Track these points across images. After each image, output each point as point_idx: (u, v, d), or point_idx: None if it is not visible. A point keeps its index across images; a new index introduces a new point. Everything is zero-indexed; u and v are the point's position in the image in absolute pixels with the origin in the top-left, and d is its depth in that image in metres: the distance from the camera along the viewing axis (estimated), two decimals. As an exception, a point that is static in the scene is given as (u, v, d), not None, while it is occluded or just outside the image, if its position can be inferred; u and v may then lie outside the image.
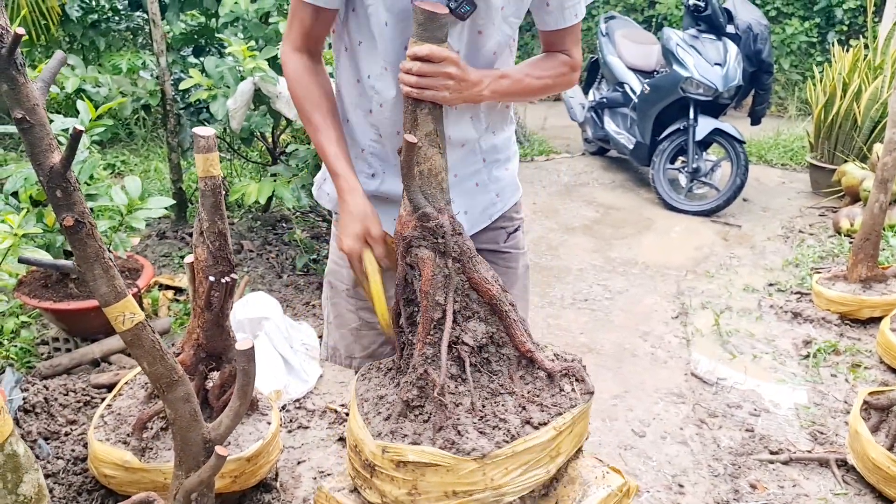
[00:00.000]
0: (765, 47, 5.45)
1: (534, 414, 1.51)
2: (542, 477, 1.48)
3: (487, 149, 1.84)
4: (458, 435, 1.46)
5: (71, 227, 1.53)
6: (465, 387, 1.54)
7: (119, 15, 4.94)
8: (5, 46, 1.39)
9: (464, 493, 1.43)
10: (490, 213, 1.88)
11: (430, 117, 1.59)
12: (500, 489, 1.44)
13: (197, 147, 2.04)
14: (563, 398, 1.57)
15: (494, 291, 1.61)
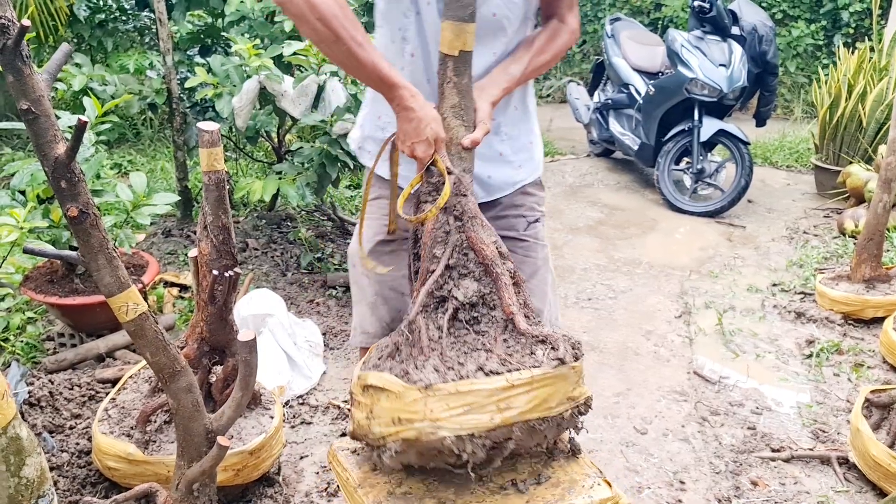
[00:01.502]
0: (770, 49, 5.45)
1: (492, 365, 1.54)
2: (484, 423, 1.49)
3: (511, 123, 1.91)
4: (416, 369, 1.54)
5: (75, 217, 1.55)
6: (449, 339, 1.60)
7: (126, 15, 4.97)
8: (11, 38, 1.42)
9: (406, 420, 1.50)
10: (513, 180, 1.94)
11: (455, 91, 1.68)
12: (437, 422, 1.48)
13: (201, 141, 2.06)
14: (529, 359, 1.57)
15: (488, 252, 1.66)
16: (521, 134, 1.95)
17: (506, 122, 1.90)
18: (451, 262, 1.67)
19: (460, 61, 1.70)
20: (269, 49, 3.65)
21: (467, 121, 1.72)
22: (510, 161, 1.93)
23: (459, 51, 1.69)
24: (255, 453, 2.27)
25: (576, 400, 1.61)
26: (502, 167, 1.92)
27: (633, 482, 2.53)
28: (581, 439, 2.72)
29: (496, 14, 1.76)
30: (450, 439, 1.50)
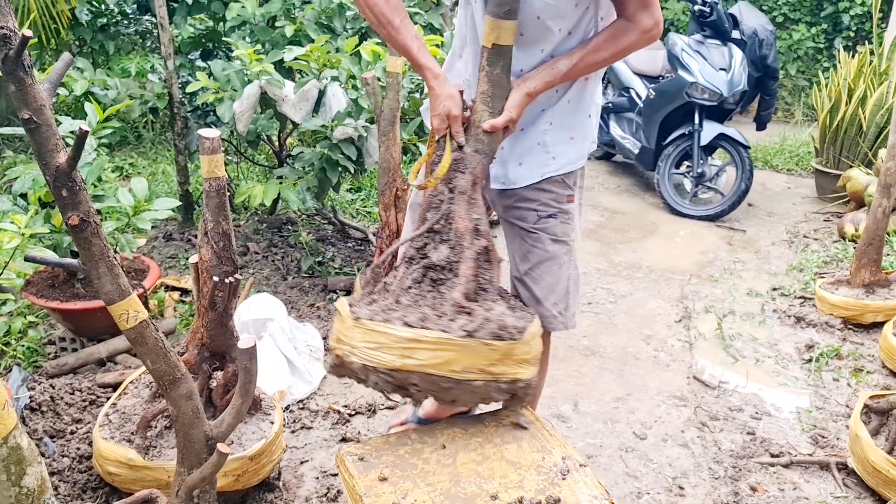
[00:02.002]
0: (770, 53, 5.46)
1: (412, 319, 1.76)
2: (386, 362, 1.75)
3: (558, 115, 2.02)
4: (365, 304, 1.83)
5: (76, 225, 1.56)
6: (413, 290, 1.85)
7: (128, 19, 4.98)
8: (13, 48, 1.42)
9: (341, 341, 1.82)
10: (543, 171, 2.03)
11: (486, 79, 1.88)
12: (354, 348, 1.79)
13: (202, 148, 2.07)
14: (445, 324, 1.75)
15: (461, 226, 1.86)
16: (566, 127, 2.04)
17: (554, 114, 2.02)
18: (436, 227, 1.89)
19: (494, 53, 1.87)
20: (270, 54, 3.66)
21: (494, 108, 1.89)
22: (548, 151, 2.03)
23: (493, 44, 1.86)
24: (255, 459, 2.28)
25: (494, 376, 1.78)
26: (539, 155, 2.03)
27: (632, 488, 2.54)
28: (580, 445, 2.75)
29: (540, 17, 1.89)
30: (357, 365, 1.79)
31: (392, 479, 1.79)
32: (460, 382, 1.77)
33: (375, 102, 3.26)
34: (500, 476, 1.81)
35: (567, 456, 1.88)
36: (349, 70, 3.61)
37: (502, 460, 1.88)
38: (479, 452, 1.91)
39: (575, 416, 2.94)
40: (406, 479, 1.80)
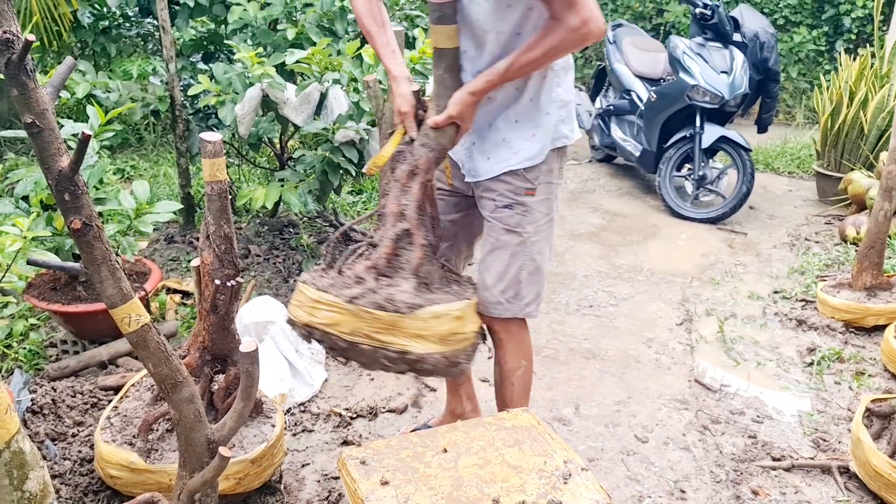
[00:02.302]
0: (771, 55, 5.45)
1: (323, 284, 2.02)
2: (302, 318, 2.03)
3: (521, 113, 2.15)
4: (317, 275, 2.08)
5: (78, 229, 1.56)
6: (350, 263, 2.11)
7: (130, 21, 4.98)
8: (16, 52, 1.43)
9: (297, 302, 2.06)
10: (504, 164, 2.16)
11: (434, 80, 2.10)
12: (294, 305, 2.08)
13: (204, 152, 2.07)
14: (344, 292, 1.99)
15: (387, 210, 2.10)
16: (528, 125, 2.15)
17: (516, 111, 2.15)
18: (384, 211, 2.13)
19: (436, 56, 2.07)
20: (272, 57, 3.67)
21: (439, 106, 2.07)
22: (511, 146, 2.16)
23: (434, 47, 2.06)
24: (256, 462, 2.28)
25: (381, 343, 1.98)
26: (502, 150, 2.16)
27: (633, 491, 2.54)
28: (582, 448, 2.75)
29: (477, 21, 2.03)
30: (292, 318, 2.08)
31: (394, 483, 1.79)
32: (351, 344, 1.98)
33: (377, 105, 3.26)
34: (502, 480, 1.81)
35: (569, 459, 1.88)
36: (351, 73, 3.61)
37: (504, 464, 1.88)
38: (481, 456, 1.91)
39: (576, 420, 2.94)
40: (408, 482, 1.80)
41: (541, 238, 2.25)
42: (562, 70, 2.16)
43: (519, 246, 2.22)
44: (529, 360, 2.43)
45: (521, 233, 2.21)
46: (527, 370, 2.42)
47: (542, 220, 2.23)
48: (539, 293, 2.31)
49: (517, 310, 2.29)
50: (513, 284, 2.24)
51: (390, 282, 2.04)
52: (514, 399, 2.44)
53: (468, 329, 2.14)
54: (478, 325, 2.22)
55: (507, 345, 2.38)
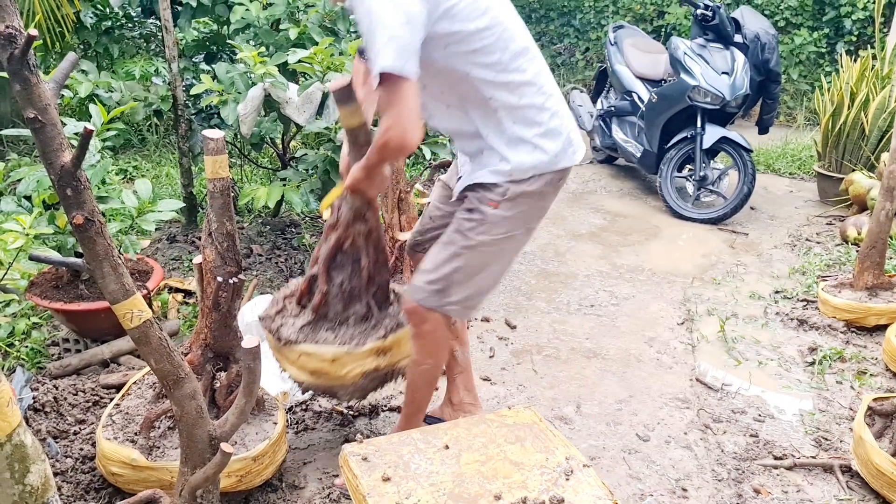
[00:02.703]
0: (772, 56, 5.46)
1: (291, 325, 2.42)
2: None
3: (480, 146, 2.25)
4: (286, 312, 2.49)
5: (80, 225, 1.56)
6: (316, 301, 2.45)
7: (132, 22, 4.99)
8: (18, 47, 1.43)
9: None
10: (472, 179, 2.27)
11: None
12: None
13: (206, 149, 2.08)
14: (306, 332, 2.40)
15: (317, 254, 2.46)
16: (489, 155, 2.23)
17: (476, 146, 2.26)
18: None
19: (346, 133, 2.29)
20: (274, 56, 3.67)
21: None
22: (478, 167, 2.26)
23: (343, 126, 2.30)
24: (258, 459, 2.28)
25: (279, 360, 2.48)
26: (474, 170, 2.27)
27: (635, 489, 2.53)
28: (583, 446, 2.75)
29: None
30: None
31: (395, 480, 1.79)
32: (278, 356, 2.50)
33: (379, 105, 3.26)
34: (504, 476, 1.81)
35: (570, 456, 1.89)
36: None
37: (506, 460, 1.88)
38: (483, 453, 1.91)
39: (577, 418, 2.94)
40: (409, 479, 1.80)
41: (491, 251, 2.25)
42: (512, 109, 2.16)
43: (463, 249, 2.24)
44: (437, 363, 2.41)
45: (470, 237, 2.23)
46: (431, 370, 2.40)
47: (498, 235, 2.23)
48: (469, 299, 2.29)
49: (435, 302, 2.27)
50: (442, 280, 2.25)
51: (296, 316, 2.46)
52: (409, 389, 2.47)
53: (344, 372, 2.34)
54: (361, 371, 2.36)
55: (419, 338, 2.35)
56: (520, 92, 2.14)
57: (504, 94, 2.13)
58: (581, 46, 9.70)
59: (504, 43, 2.09)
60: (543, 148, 2.18)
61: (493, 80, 2.11)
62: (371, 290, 2.49)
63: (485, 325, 3.72)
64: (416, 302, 2.29)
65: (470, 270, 2.25)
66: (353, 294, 2.47)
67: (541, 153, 2.18)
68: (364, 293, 2.47)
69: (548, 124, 2.18)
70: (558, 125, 2.20)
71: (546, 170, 2.19)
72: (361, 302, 2.47)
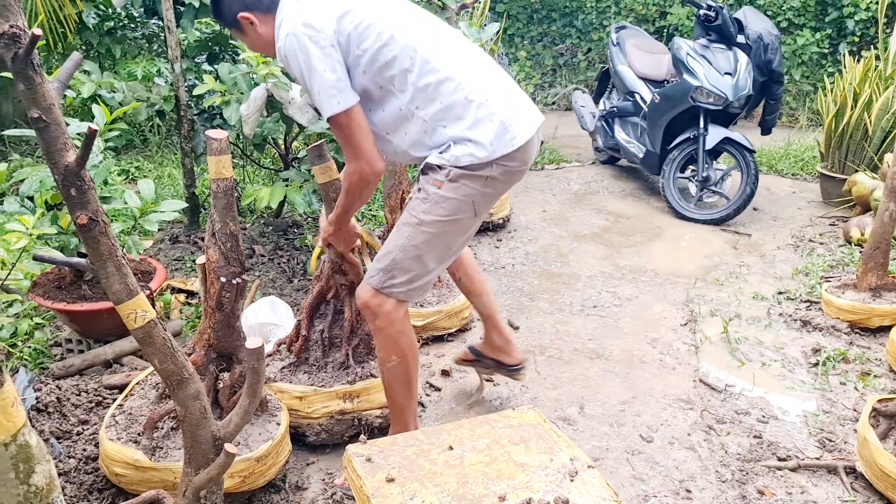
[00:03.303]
0: (775, 57, 5.45)
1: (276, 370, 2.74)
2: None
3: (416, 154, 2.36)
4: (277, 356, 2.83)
5: (84, 224, 1.56)
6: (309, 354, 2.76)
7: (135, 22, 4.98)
8: (23, 47, 1.43)
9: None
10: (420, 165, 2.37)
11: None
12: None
13: (210, 149, 2.07)
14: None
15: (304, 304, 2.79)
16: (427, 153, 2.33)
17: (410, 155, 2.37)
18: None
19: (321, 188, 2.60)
20: (277, 57, 3.66)
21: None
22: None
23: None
24: (261, 460, 2.28)
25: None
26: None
27: (639, 490, 2.53)
28: (587, 447, 2.75)
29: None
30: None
31: (399, 480, 1.79)
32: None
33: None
34: (508, 477, 1.81)
35: (575, 457, 1.88)
36: (355, 73, 3.61)
37: (510, 461, 1.87)
38: (487, 454, 1.91)
39: (581, 419, 2.94)
40: (413, 479, 1.79)
41: (433, 232, 2.28)
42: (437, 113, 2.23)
43: (405, 226, 2.30)
44: (403, 358, 2.37)
45: (412, 214, 2.29)
46: (398, 366, 2.38)
47: (441, 215, 2.27)
48: (412, 281, 2.31)
49: (379, 281, 2.29)
50: (386, 257, 2.30)
51: (282, 359, 2.81)
52: (386, 390, 2.46)
53: (310, 411, 2.62)
54: (326, 412, 2.62)
55: (378, 333, 2.36)
56: (439, 92, 2.21)
57: (424, 101, 2.22)
58: (583, 47, 9.69)
59: (410, 51, 2.20)
60: (475, 140, 2.21)
61: (413, 91, 2.22)
62: (353, 341, 2.72)
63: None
64: (365, 282, 2.33)
65: (413, 251, 2.28)
66: (333, 342, 2.73)
67: (473, 145, 2.21)
68: (345, 343, 2.71)
69: (475, 115, 2.21)
70: (486, 114, 2.22)
71: (483, 160, 2.22)
72: (341, 351, 2.71)
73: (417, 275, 2.31)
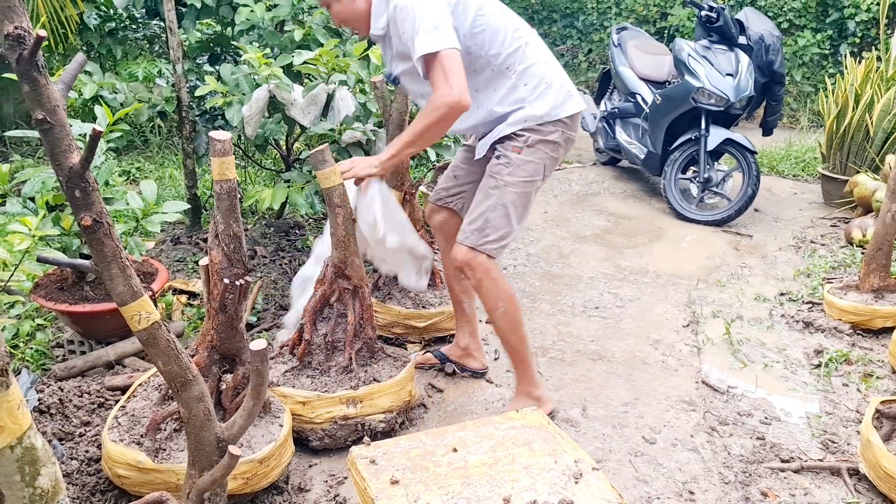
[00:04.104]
0: (776, 58, 5.45)
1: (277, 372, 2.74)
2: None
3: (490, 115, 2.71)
4: (280, 358, 2.82)
5: (89, 226, 1.56)
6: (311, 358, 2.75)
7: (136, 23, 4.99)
8: (27, 49, 1.43)
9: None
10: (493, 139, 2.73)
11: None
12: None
13: (213, 150, 2.07)
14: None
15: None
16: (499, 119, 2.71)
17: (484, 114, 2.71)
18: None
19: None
20: (279, 58, 3.67)
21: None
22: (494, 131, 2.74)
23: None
24: (264, 462, 2.28)
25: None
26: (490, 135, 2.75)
27: (642, 492, 2.53)
28: (590, 449, 2.74)
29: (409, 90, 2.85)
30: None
31: (404, 482, 1.79)
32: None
33: (384, 106, 3.26)
34: (513, 479, 1.81)
35: (579, 459, 1.88)
36: (358, 74, 3.61)
37: (514, 463, 1.87)
38: (491, 455, 1.90)
39: (583, 421, 2.93)
40: (418, 481, 1.79)
41: (517, 192, 2.66)
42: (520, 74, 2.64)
43: (493, 189, 2.66)
44: (508, 301, 2.75)
45: (499, 178, 2.66)
46: (508, 311, 2.75)
47: (521, 176, 2.66)
48: (502, 238, 2.69)
49: (476, 240, 2.67)
50: (479, 218, 2.67)
51: (285, 363, 2.82)
52: (504, 336, 2.83)
53: (314, 416, 2.62)
54: (330, 417, 2.63)
55: (479, 288, 2.73)
56: (525, 56, 2.63)
57: (513, 61, 2.62)
58: (584, 48, 9.70)
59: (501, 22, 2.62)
60: (546, 100, 2.64)
61: (505, 54, 2.61)
62: (356, 345, 2.73)
63: (489, 327, 3.71)
64: (460, 242, 2.70)
65: (501, 210, 2.65)
66: (335, 346, 2.73)
67: (543, 104, 2.64)
68: (348, 347, 2.71)
69: (549, 80, 2.66)
70: (557, 81, 2.68)
71: (554, 116, 2.65)
72: (344, 355, 2.72)
73: (507, 232, 2.68)
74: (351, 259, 2.63)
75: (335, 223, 2.59)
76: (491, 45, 2.60)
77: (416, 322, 3.38)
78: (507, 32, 2.62)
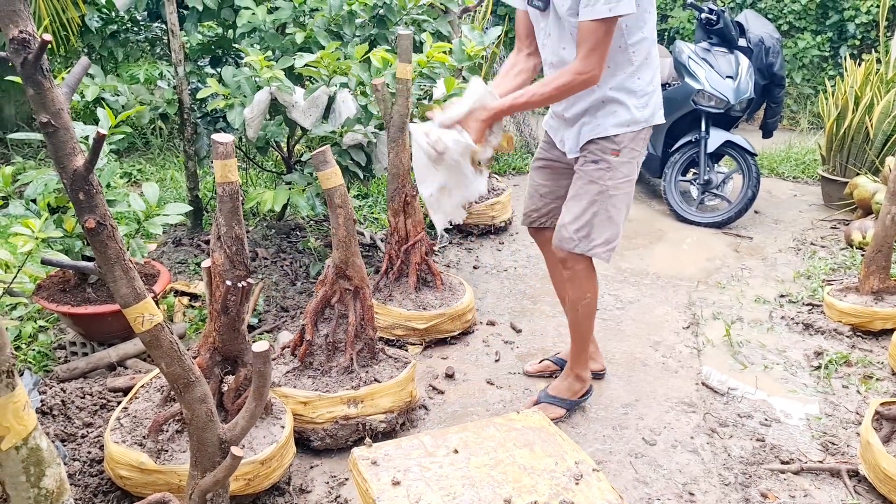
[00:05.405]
0: (776, 60, 5.46)
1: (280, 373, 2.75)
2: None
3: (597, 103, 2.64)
4: (281, 359, 2.83)
5: (92, 228, 1.57)
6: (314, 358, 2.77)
7: (138, 26, 4.99)
8: (32, 52, 1.44)
9: None
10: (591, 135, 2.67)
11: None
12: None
13: (215, 153, 2.08)
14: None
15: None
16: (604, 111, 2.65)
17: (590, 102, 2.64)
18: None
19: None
20: (281, 60, 3.68)
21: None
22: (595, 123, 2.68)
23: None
24: (266, 463, 2.29)
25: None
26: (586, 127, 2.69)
27: (642, 494, 2.53)
28: (590, 450, 2.75)
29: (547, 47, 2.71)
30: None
31: (405, 483, 1.79)
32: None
33: (385, 109, 3.28)
34: (514, 480, 1.82)
35: (580, 460, 1.89)
36: (359, 77, 3.62)
37: (515, 465, 1.88)
38: (492, 457, 1.91)
39: (584, 422, 2.94)
40: (419, 482, 1.80)
41: (618, 194, 2.67)
42: (639, 66, 2.58)
43: (598, 195, 2.66)
44: (594, 294, 2.84)
45: (601, 184, 2.65)
46: (590, 301, 2.84)
47: (621, 178, 2.66)
48: (609, 241, 2.72)
49: (585, 247, 2.70)
50: (585, 226, 2.69)
51: (286, 363, 2.84)
52: (577, 322, 2.89)
53: (315, 416, 2.64)
54: (331, 417, 2.64)
55: (574, 279, 2.79)
56: (649, 50, 2.59)
57: (641, 47, 2.56)
58: (584, 50, 9.69)
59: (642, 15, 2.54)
60: (650, 104, 2.64)
61: (639, 34, 2.55)
62: (357, 346, 2.75)
63: (490, 328, 3.72)
64: (569, 251, 2.72)
65: (605, 215, 2.67)
66: (337, 347, 2.75)
67: (645, 110, 2.63)
68: (349, 347, 2.73)
69: (654, 82, 2.66)
70: (659, 85, 2.70)
71: (649, 122, 2.66)
72: (345, 355, 2.73)
73: (612, 235, 2.72)
74: (352, 260, 2.64)
75: (336, 223, 2.60)
76: (643, 27, 2.56)
77: (416, 324, 3.39)
78: (653, 21, 2.60)
